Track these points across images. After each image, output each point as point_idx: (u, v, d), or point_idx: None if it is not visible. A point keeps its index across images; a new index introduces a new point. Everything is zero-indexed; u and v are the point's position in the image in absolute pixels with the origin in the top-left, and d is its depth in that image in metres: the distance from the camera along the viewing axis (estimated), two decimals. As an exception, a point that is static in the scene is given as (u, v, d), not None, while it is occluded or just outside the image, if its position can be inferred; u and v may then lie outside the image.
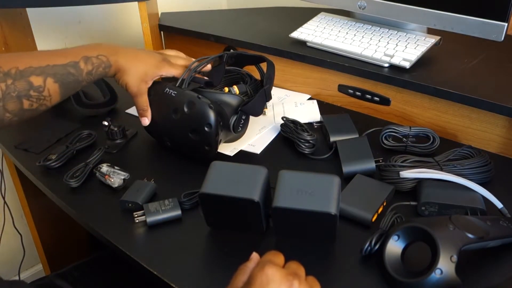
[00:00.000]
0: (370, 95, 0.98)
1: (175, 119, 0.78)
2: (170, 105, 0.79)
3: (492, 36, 0.83)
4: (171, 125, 0.80)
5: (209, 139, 0.77)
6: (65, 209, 0.78)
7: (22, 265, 1.37)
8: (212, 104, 0.75)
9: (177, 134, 0.81)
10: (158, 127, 0.84)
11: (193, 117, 0.76)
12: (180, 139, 0.81)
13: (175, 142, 0.84)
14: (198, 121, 0.76)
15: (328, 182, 0.62)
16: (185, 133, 0.78)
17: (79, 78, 0.72)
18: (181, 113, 0.77)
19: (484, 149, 0.84)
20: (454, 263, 0.56)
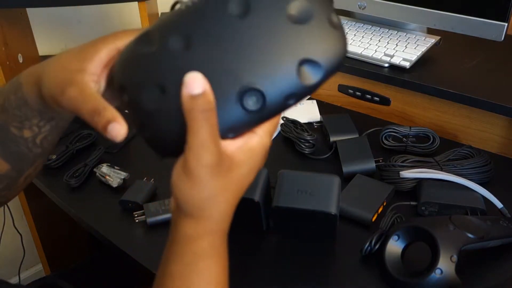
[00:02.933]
0: (370, 95, 0.98)
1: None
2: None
3: (492, 36, 0.83)
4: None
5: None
6: (65, 209, 0.78)
7: (22, 265, 1.37)
8: None
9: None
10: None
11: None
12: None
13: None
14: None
15: (328, 182, 0.62)
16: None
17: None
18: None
19: (484, 149, 0.84)
20: (454, 263, 0.56)
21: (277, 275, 0.63)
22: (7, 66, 1.05)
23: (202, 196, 0.37)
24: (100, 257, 0.98)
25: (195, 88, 0.34)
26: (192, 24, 0.35)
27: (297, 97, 0.36)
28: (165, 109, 0.35)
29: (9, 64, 1.06)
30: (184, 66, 0.34)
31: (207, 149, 0.35)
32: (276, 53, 0.34)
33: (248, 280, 0.62)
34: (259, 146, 0.38)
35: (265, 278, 0.62)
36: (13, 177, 0.48)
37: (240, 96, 0.34)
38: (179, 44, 0.35)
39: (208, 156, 0.35)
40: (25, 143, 0.46)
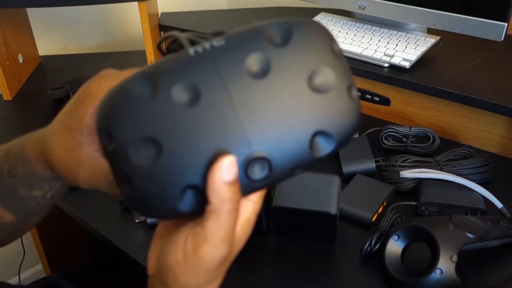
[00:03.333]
0: (370, 95, 0.98)
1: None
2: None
3: (492, 36, 0.83)
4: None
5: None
6: (65, 209, 0.78)
7: (22, 265, 1.37)
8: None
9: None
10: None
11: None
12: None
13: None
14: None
15: (328, 182, 0.62)
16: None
17: (5, 183, 0.44)
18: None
19: (484, 149, 0.84)
20: (454, 263, 0.56)
21: (277, 275, 0.63)
22: (7, 66, 1.05)
23: (199, 283, 0.34)
24: (101, 257, 0.98)
25: (231, 174, 0.30)
26: (203, 75, 0.31)
27: (303, 167, 0.33)
28: (159, 170, 0.30)
29: (9, 64, 1.06)
30: (186, 123, 0.30)
31: (227, 243, 0.32)
32: (291, 121, 0.31)
33: (248, 280, 0.62)
34: (254, 214, 0.35)
35: (265, 278, 0.62)
36: (18, 225, 0.46)
37: (245, 163, 0.31)
38: (185, 95, 0.30)
39: (225, 249, 0.32)
40: (35, 199, 0.44)
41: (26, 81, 1.15)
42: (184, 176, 0.30)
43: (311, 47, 0.32)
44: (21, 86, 1.12)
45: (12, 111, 1.04)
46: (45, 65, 1.23)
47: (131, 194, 0.31)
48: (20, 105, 1.06)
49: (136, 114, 0.30)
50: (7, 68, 1.05)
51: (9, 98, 1.07)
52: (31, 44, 1.21)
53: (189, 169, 0.30)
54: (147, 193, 0.31)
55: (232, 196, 0.30)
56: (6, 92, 1.06)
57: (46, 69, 1.22)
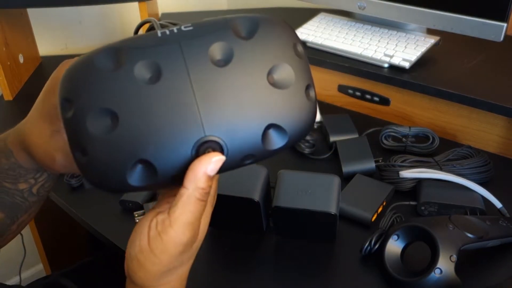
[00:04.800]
0: (370, 95, 0.98)
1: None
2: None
3: (491, 36, 0.83)
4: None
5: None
6: (65, 208, 0.78)
7: (23, 265, 1.37)
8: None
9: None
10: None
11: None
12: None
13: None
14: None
15: (328, 182, 0.62)
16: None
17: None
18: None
19: (483, 149, 0.84)
20: (454, 263, 0.56)
21: (277, 275, 0.63)
22: (8, 66, 1.05)
23: (164, 270, 0.35)
24: (102, 256, 0.98)
25: (214, 170, 0.32)
26: (167, 55, 0.32)
27: (255, 159, 0.34)
28: (112, 140, 0.31)
29: (10, 64, 1.06)
30: (144, 99, 0.31)
31: (192, 228, 0.34)
32: (246, 111, 0.32)
33: (248, 280, 0.62)
34: (211, 208, 0.38)
35: (265, 278, 0.63)
36: (6, 224, 0.46)
37: (197, 146, 0.32)
38: (147, 73, 0.31)
39: (190, 235, 0.34)
40: (20, 194, 0.45)
41: (26, 81, 1.15)
42: (137, 150, 0.31)
43: (274, 44, 0.33)
44: (21, 86, 1.12)
45: (13, 111, 1.04)
46: (46, 65, 1.24)
47: (83, 162, 0.32)
48: (20, 105, 1.06)
49: (97, 84, 0.31)
50: (8, 68, 1.05)
51: (9, 98, 1.07)
52: (32, 44, 1.21)
53: (142, 144, 0.31)
54: (99, 163, 0.32)
55: (206, 188, 0.33)
56: (7, 92, 1.06)
57: (46, 69, 1.22)
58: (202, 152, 0.32)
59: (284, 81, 0.33)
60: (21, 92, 1.10)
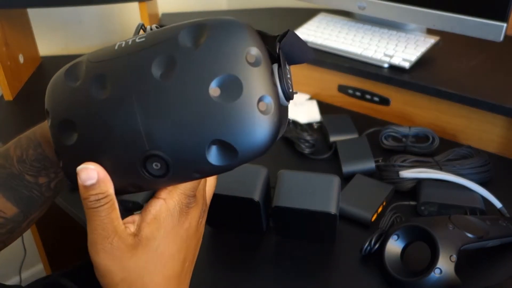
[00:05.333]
0: (370, 95, 0.98)
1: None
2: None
3: (491, 36, 0.83)
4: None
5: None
6: (66, 209, 0.78)
7: (23, 265, 1.37)
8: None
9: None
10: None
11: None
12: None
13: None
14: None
15: (328, 182, 0.62)
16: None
17: (14, 171, 0.45)
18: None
19: (483, 149, 0.84)
20: (454, 263, 0.56)
21: (277, 275, 0.63)
22: (8, 67, 1.05)
23: (113, 281, 0.36)
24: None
25: (87, 180, 0.33)
26: (115, 71, 0.32)
27: (205, 173, 0.33)
28: (74, 148, 0.33)
29: (10, 64, 1.06)
30: (95, 113, 0.32)
31: (99, 235, 0.35)
32: (188, 125, 0.31)
33: (248, 280, 0.62)
34: (164, 212, 0.36)
35: (265, 278, 0.63)
36: (18, 221, 0.47)
37: (144, 160, 0.32)
38: (98, 88, 0.32)
39: (101, 242, 0.35)
40: (39, 188, 0.46)
41: (27, 81, 1.15)
42: (94, 159, 0.33)
43: (221, 52, 0.31)
44: (22, 86, 1.12)
45: (13, 111, 1.04)
46: (46, 65, 1.24)
47: (61, 165, 0.36)
48: (21, 105, 1.06)
49: (62, 98, 0.34)
50: (8, 68, 1.05)
51: (10, 98, 1.07)
52: (32, 44, 1.21)
53: (95, 155, 0.33)
54: (68, 167, 0.35)
55: (91, 197, 0.34)
56: (7, 92, 1.06)
57: (46, 69, 1.22)
58: (149, 165, 0.32)
59: (229, 93, 0.30)
60: (21, 92, 1.10)
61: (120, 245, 0.35)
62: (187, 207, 0.37)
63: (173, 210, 0.36)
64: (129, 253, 0.35)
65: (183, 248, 0.38)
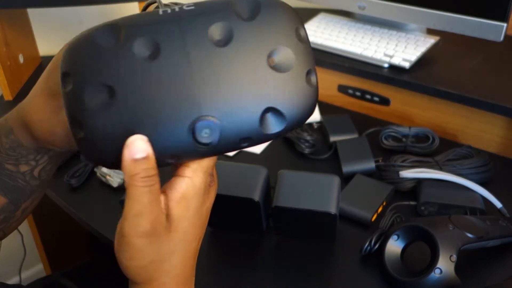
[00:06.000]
0: (370, 95, 0.98)
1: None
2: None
3: (491, 36, 0.83)
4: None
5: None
6: (65, 208, 0.78)
7: (23, 265, 1.37)
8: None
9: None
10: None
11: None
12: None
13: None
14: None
15: (328, 182, 0.62)
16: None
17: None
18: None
19: (483, 149, 0.84)
20: (454, 263, 0.56)
21: (277, 275, 0.63)
22: (8, 67, 1.05)
23: (142, 264, 0.34)
24: (102, 256, 0.98)
25: (137, 152, 0.30)
26: (167, 33, 0.31)
27: (252, 142, 0.34)
28: (109, 115, 0.31)
29: (10, 64, 1.06)
30: (143, 76, 0.31)
31: (145, 217, 0.32)
32: (244, 92, 0.32)
33: (248, 280, 0.62)
34: (191, 190, 0.35)
35: (265, 278, 0.63)
36: (10, 210, 0.46)
37: (193, 125, 0.32)
38: (146, 50, 0.31)
39: (145, 224, 0.33)
40: (22, 177, 0.45)
41: (27, 81, 1.15)
42: (133, 126, 0.31)
43: (275, 26, 0.33)
44: (22, 86, 1.12)
45: (13, 111, 1.04)
46: (46, 65, 1.23)
47: (80, 136, 0.32)
48: (20, 105, 1.06)
49: (96, 60, 0.31)
50: (8, 68, 1.05)
51: (10, 98, 1.07)
52: (32, 45, 1.21)
53: (138, 120, 0.31)
54: (95, 137, 0.32)
55: (141, 172, 0.31)
56: (7, 92, 1.06)
57: (46, 69, 1.22)
58: (198, 132, 0.32)
59: (284, 64, 0.32)
60: (21, 92, 1.10)
61: (160, 228, 0.33)
62: (209, 185, 0.37)
63: (199, 189, 0.35)
64: (164, 235, 0.34)
65: (203, 227, 0.38)
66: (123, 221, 0.33)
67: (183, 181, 0.35)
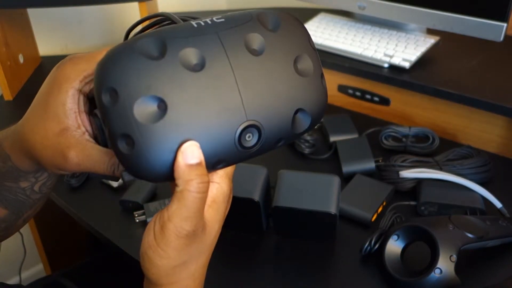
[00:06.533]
0: (370, 95, 0.98)
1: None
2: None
3: (491, 36, 0.83)
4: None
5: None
6: (65, 208, 0.78)
7: (23, 265, 1.37)
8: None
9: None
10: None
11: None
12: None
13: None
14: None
15: (328, 182, 0.62)
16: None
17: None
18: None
19: (483, 149, 0.84)
20: (454, 263, 0.56)
21: (277, 275, 0.63)
22: (8, 67, 1.05)
23: (174, 264, 0.35)
24: (102, 256, 0.98)
25: (192, 158, 0.31)
26: (208, 44, 0.33)
27: (284, 142, 0.37)
28: (161, 127, 0.31)
29: (10, 64, 1.06)
30: (191, 86, 0.32)
31: (190, 221, 0.33)
32: (280, 96, 0.35)
33: (248, 280, 0.62)
34: (221, 195, 0.37)
35: (265, 278, 0.63)
36: (12, 219, 0.46)
37: (240, 129, 0.33)
38: (191, 60, 0.32)
39: (189, 228, 0.34)
40: (23, 191, 0.44)
41: (26, 81, 1.15)
42: (185, 137, 0.32)
43: (296, 36, 0.37)
44: (21, 86, 1.12)
45: (13, 111, 1.04)
46: (46, 66, 1.24)
47: (128, 153, 0.32)
48: (21, 105, 1.06)
49: (143, 72, 0.31)
50: (8, 68, 1.05)
51: (10, 98, 1.07)
52: (32, 45, 1.21)
53: (190, 130, 0.32)
54: (147, 150, 0.31)
55: (196, 178, 0.32)
56: (7, 92, 1.06)
57: (46, 69, 1.22)
58: (244, 136, 0.34)
59: (306, 70, 0.36)
60: (21, 92, 1.10)
61: (198, 230, 0.35)
62: (231, 191, 0.39)
63: (225, 194, 0.37)
64: (199, 238, 0.35)
65: (220, 229, 0.39)
66: (168, 222, 0.33)
67: (213, 186, 0.36)
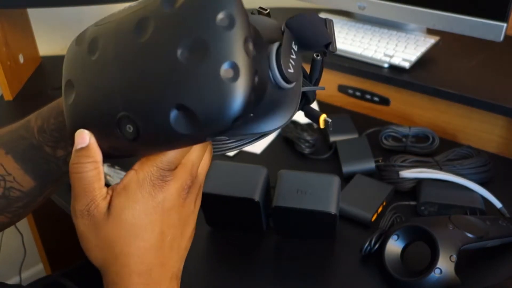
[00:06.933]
0: (370, 95, 0.98)
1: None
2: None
3: (491, 36, 0.83)
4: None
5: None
6: (66, 208, 0.78)
7: (23, 265, 1.37)
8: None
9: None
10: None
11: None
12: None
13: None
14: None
15: (328, 182, 0.62)
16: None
17: (33, 142, 0.46)
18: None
19: (483, 149, 0.84)
20: (454, 263, 0.56)
21: (277, 275, 0.63)
22: (8, 67, 1.05)
23: (87, 246, 0.38)
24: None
25: (79, 143, 0.35)
26: (106, 32, 0.34)
27: (172, 142, 0.33)
28: (72, 109, 0.36)
29: (10, 64, 1.06)
30: (88, 73, 0.34)
31: (78, 200, 0.36)
32: (154, 87, 0.30)
33: (248, 280, 0.62)
34: (133, 182, 0.36)
35: (265, 278, 0.63)
36: (35, 195, 0.47)
37: (118, 121, 0.32)
38: (92, 50, 0.34)
39: (79, 207, 0.36)
40: (57, 161, 0.46)
41: (27, 81, 1.15)
42: (83, 120, 0.35)
43: (193, 14, 0.29)
44: (22, 86, 1.12)
45: (13, 111, 1.04)
46: (46, 65, 1.24)
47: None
48: (21, 105, 1.06)
49: (69, 60, 0.37)
50: (8, 68, 1.05)
51: (10, 98, 1.07)
52: (32, 44, 1.21)
53: (85, 114, 0.35)
54: (70, 127, 0.36)
55: (75, 159, 0.36)
56: (7, 92, 1.06)
57: (46, 69, 1.22)
58: (124, 128, 0.32)
59: (196, 57, 0.29)
60: (21, 92, 1.10)
61: (95, 213, 0.36)
62: (161, 180, 0.36)
63: (142, 181, 0.36)
64: (102, 222, 0.36)
65: (157, 221, 0.37)
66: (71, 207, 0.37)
67: (129, 174, 0.36)
